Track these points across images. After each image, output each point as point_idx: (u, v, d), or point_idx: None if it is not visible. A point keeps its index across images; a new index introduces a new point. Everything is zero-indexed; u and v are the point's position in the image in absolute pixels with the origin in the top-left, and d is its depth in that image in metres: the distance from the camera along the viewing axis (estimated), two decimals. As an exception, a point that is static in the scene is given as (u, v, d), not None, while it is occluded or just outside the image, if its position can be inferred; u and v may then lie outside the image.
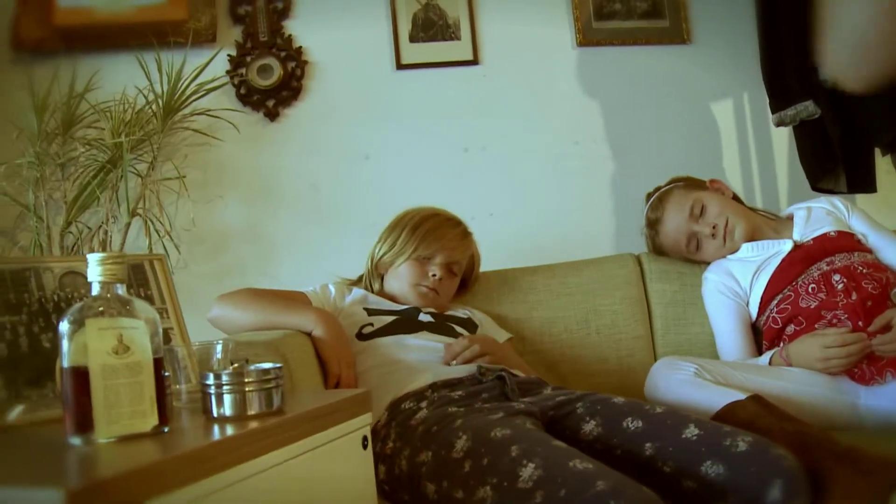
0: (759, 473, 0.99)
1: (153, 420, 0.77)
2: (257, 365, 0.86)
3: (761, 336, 1.73)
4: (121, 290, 0.79)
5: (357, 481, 0.96)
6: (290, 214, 2.37)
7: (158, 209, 2.19)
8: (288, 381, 1.09)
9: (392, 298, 1.66)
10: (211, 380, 0.83)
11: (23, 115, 2.15)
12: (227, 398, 0.82)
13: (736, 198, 1.90)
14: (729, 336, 1.71)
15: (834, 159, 2.17)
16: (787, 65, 2.19)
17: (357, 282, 1.78)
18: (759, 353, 1.71)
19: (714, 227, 1.77)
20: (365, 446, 0.97)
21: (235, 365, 0.87)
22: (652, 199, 1.88)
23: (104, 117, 2.19)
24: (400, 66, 2.42)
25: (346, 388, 1.36)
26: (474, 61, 2.45)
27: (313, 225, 2.37)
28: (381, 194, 2.36)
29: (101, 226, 2.19)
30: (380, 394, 1.32)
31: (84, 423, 0.74)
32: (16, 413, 0.90)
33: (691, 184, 1.88)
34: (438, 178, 2.40)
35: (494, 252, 2.00)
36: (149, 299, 1.09)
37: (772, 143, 2.61)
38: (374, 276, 1.73)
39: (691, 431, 1.08)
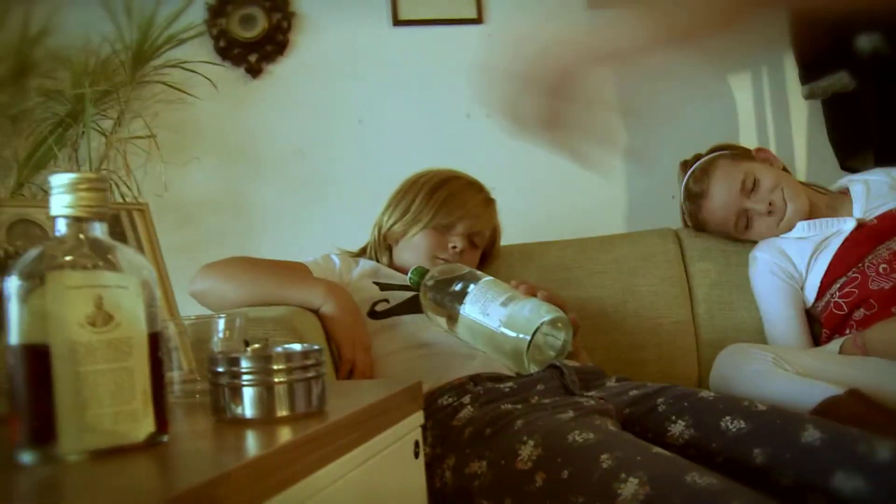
0: None
1: (147, 425, 0.52)
2: (286, 346, 0.62)
3: (817, 323, 1.54)
4: (100, 230, 0.54)
5: (409, 499, 0.73)
6: (272, 181, 2.12)
7: (125, 171, 1.92)
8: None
9: (404, 273, 1.43)
10: (224, 366, 0.59)
11: (-36, 59, 1.87)
12: (250, 393, 0.58)
13: (785, 169, 1.70)
14: (784, 323, 1.52)
15: (867, 136, 2.00)
16: (820, 32, 2.02)
17: (359, 254, 1.54)
18: (815, 342, 1.52)
19: (771, 204, 1.57)
20: (417, 454, 0.74)
21: (255, 346, 0.62)
22: (693, 170, 1.67)
23: (63, 66, 1.92)
24: (397, 23, 2.18)
25: (362, 377, 1.13)
26: (478, 20, 2.22)
27: (298, 193, 2.12)
28: (375, 161, 2.13)
29: (57, 189, 1.92)
30: (407, 385, 1.08)
31: (42, 431, 0.50)
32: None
33: (737, 153, 1.67)
34: (437, 145, 2.17)
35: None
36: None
37: (790, 118, 2.44)
38: (381, 248, 1.49)
39: (811, 434, 0.87)
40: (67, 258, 0.52)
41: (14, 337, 0.51)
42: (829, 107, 2.13)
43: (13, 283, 0.51)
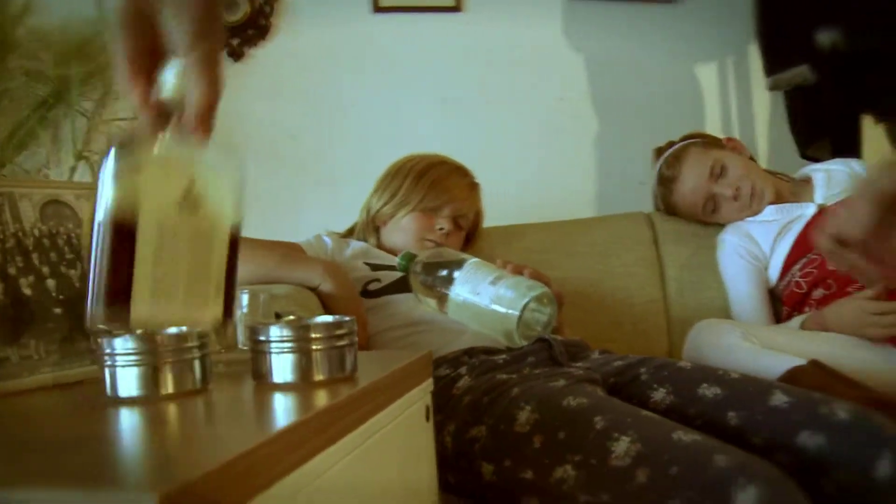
0: (865, 444, 0.88)
1: (216, 311, 0.56)
2: (321, 318, 0.68)
3: (778, 301, 1.65)
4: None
5: (420, 461, 0.80)
6: (254, 164, 2.14)
7: (109, 153, 1.94)
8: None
9: (393, 253, 1.49)
10: (265, 335, 0.65)
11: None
12: (289, 359, 0.64)
13: (752, 159, 1.80)
14: (748, 301, 1.62)
15: (825, 127, 2.11)
16: (785, 25, 2.11)
17: (347, 235, 1.60)
18: (777, 319, 1.63)
19: (737, 190, 1.67)
20: (428, 417, 0.81)
21: (290, 318, 0.68)
22: (666, 156, 1.76)
23: (44, 46, 1.92)
24: (378, 9, 2.23)
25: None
26: (456, 7, 2.27)
27: (280, 176, 2.16)
28: (354, 145, 2.19)
29: (40, 169, 1.92)
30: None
31: (118, 293, 0.51)
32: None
33: (708, 141, 1.77)
34: (414, 129, 2.24)
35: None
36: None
37: (753, 108, 2.55)
38: (369, 230, 1.55)
39: (779, 398, 0.95)
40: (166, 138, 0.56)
41: (101, 213, 0.53)
42: (790, 98, 2.23)
43: (111, 160, 0.54)
